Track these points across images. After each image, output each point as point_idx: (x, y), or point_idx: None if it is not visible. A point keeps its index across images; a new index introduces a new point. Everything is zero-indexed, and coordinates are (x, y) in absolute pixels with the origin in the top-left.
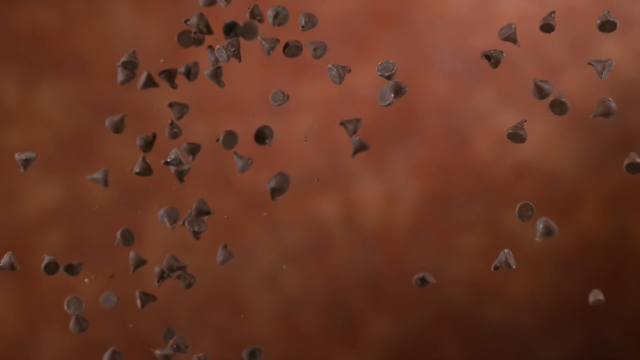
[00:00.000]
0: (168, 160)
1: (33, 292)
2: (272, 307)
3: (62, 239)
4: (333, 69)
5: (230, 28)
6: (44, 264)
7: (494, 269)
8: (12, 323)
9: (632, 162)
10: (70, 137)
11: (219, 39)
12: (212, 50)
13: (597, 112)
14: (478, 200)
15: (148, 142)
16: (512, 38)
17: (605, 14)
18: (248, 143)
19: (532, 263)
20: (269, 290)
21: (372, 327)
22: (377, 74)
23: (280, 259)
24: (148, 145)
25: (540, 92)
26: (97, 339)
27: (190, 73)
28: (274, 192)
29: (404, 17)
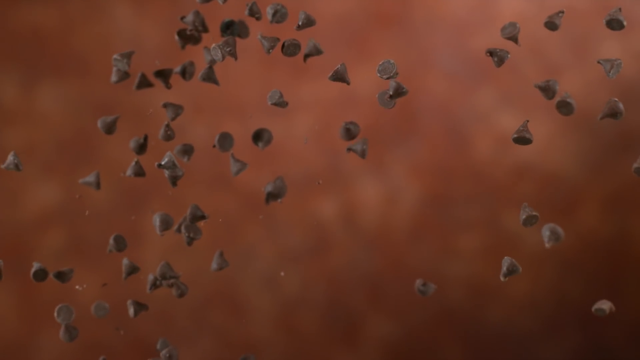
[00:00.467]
0: (162, 164)
1: (33, 292)
2: (271, 307)
3: (61, 240)
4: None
5: (228, 26)
6: (33, 272)
7: (504, 278)
8: (12, 323)
9: None
10: (70, 137)
11: (216, 38)
12: (208, 50)
13: (604, 113)
14: (478, 201)
15: (140, 144)
16: (514, 37)
17: (615, 12)
18: (248, 143)
19: (532, 264)
20: (269, 291)
21: (371, 327)
22: (377, 74)
23: (280, 260)
24: (141, 148)
25: (547, 92)
26: (96, 340)
27: (186, 72)
28: (270, 196)
29: (404, 17)
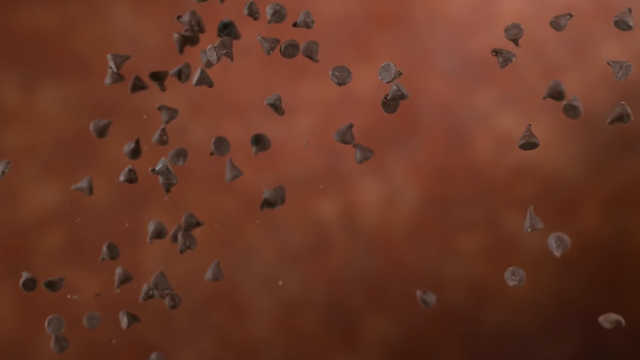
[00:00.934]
0: (156, 169)
1: (33, 293)
2: (272, 307)
3: (61, 240)
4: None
5: (225, 27)
6: (22, 281)
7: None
8: (12, 324)
9: None
10: (70, 138)
11: (213, 38)
12: (204, 53)
13: (613, 117)
14: (478, 201)
15: (133, 149)
16: (517, 39)
17: (624, 13)
18: (248, 144)
19: (532, 264)
20: (269, 291)
21: (371, 327)
22: (377, 74)
23: (280, 260)
24: (134, 153)
25: (554, 94)
26: (96, 340)
27: (182, 75)
28: (265, 203)
29: (404, 18)
